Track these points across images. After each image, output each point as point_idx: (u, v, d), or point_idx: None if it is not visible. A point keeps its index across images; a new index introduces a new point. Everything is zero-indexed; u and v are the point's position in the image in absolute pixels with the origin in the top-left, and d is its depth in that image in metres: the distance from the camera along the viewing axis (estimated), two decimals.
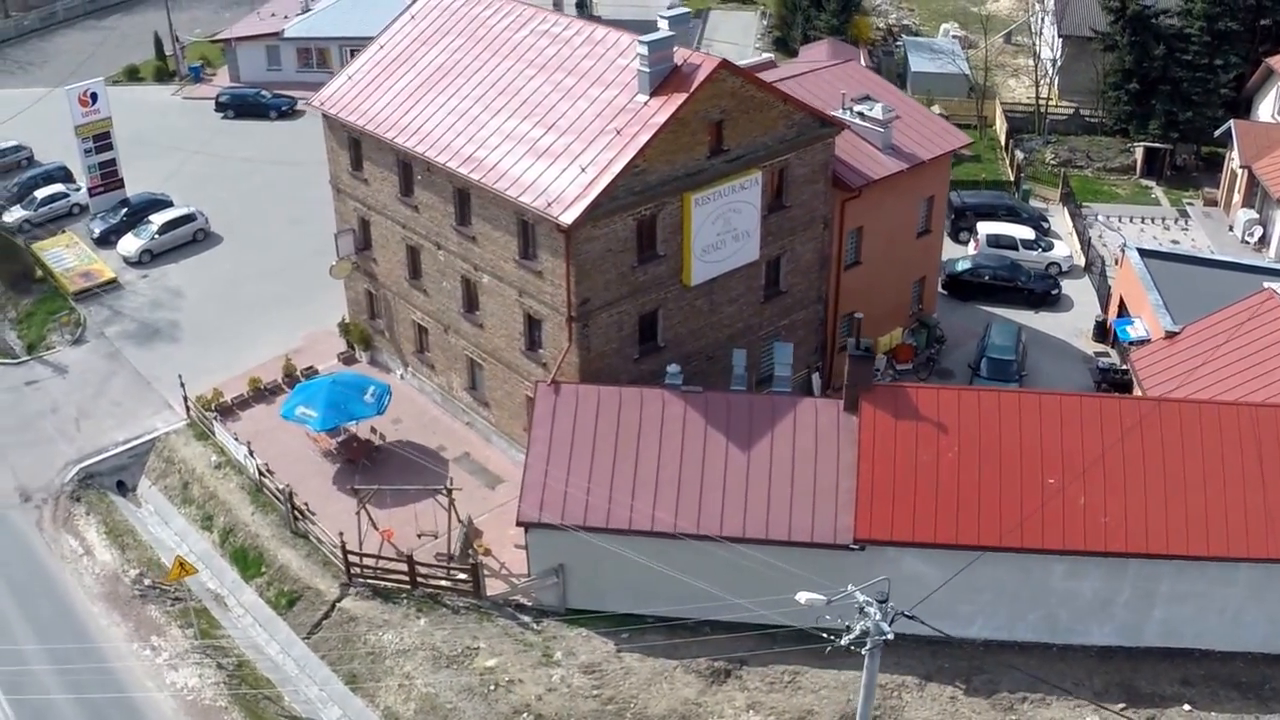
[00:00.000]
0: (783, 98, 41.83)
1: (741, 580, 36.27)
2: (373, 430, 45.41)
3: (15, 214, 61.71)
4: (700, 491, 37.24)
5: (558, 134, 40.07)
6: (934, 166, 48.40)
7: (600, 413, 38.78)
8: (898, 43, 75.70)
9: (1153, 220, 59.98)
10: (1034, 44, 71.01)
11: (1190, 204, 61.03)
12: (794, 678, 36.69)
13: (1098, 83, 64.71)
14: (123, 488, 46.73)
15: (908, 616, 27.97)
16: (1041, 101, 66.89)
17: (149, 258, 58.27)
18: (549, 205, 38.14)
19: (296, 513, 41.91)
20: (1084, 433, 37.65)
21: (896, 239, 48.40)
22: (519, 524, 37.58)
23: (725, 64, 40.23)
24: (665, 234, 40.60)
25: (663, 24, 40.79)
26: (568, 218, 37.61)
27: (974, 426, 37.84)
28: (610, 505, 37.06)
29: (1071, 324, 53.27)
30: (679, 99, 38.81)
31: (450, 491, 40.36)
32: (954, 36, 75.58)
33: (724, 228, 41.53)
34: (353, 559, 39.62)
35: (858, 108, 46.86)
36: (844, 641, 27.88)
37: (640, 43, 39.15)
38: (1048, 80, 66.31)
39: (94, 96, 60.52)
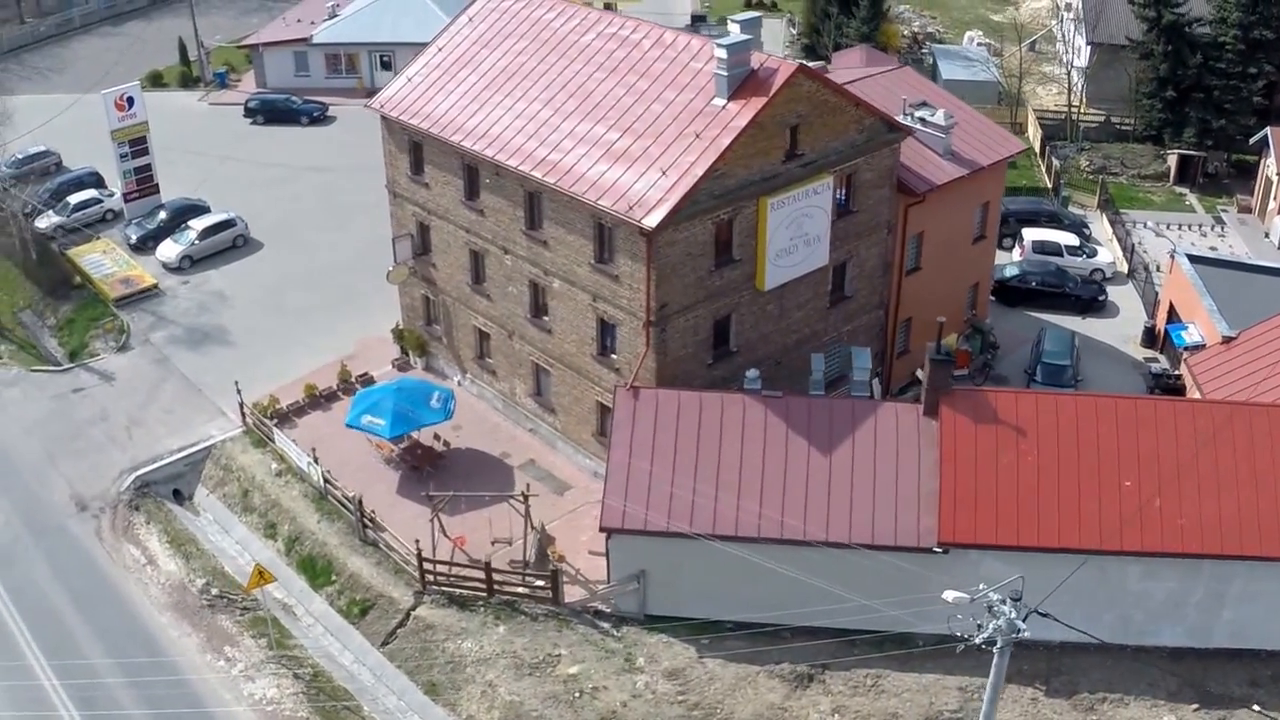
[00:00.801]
0: (855, 102, 41.81)
1: (824, 585, 36.20)
2: (436, 437, 44.99)
3: (48, 220, 60.90)
4: (783, 496, 37.08)
5: (633, 137, 39.86)
6: (990, 172, 48.46)
7: (681, 417, 38.55)
8: (924, 50, 76.02)
9: (1189, 227, 60.31)
10: (1065, 52, 71.39)
11: (1225, 211, 61.46)
12: (876, 681, 36.61)
13: (1130, 90, 65.14)
14: (179, 496, 46.10)
15: (1042, 615, 27.97)
16: (1072, 109, 67.24)
17: (189, 263, 57.65)
18: (630, 209, 37.94)
19: (366, 521, 41.48)
20: (1158, 436, 37.81)
21: (954, 244, 48.44)
22: (602, 530, 37.29)
23: (803, 68, 40.23)
24: (741, 238, 40.48)
25: (734, 28, 40.77)
26: (651, 221, 37.42)
27: (1051, 430, 37.96)
28: (694, 511, 36.93)
29: (1118, 330, 53.44)
30: (759, 103, 38.70)
31: (527, 497, 40.11)
32: (979, 44, 75.98)
33: (796, 232, 41.45)
34: (428, 566, 39.26)
35: (918, 113, 46.92)
36: (978, 640, 27.87)
37: (719, 46, 39.02)
38: (1080, 88, 66.63)
39: (130, 100, 59.87)
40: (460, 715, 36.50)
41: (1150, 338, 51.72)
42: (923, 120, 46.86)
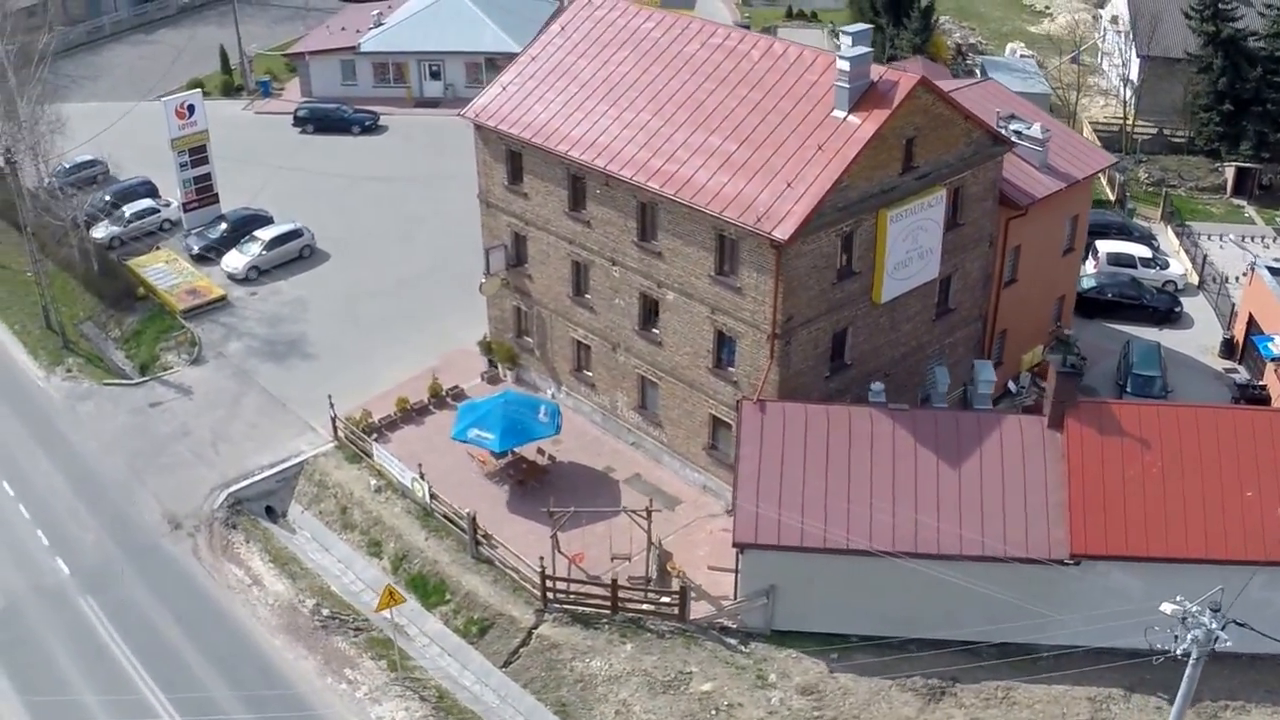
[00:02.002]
0: (965, 115, 41.71)
1: (952, 597, 36.43)
2: (540, 451, 44.39)
3: (104, 230, 59.73)
4: (914, 509, 36.90)
5: (752, 148, 39.48)
6: (1081, 185, 48.66)
7: (808, 430, 38.30)
8: (968, 61, 76.23)
9: (1252, 239, 60.73)
10: (1111, 65, 71.78)
11: None
12: (1007, 693, 36.46)
13: (1185, 103, 65.59)
14: (271, 513, 45.15)
15: (1239, 624, 27.92)
16: (1125, 121, 67.57)
17: (256, 274, 56.67)
18: (758, 220, 37.55)
19: (480, 538, 40.81)
20: (1276, 448, 38.01)
21: (1046, 257, 48.44)
22: (735, 545, 36.92)
23: (924, 80, 40.06)
24: (860, 251, 40.22)
25: (846, 40, 40.61)
26: (782, 233, 37.05)
27: (1174, 441, 38.01)
28: (826, 525, 36.65)
29: (1195, 340, 53.59)
30: (882, 115, 38.44)
31: (650, 512, 39.63)
32: (1022, 56, 76.28)
33: (912, 245, 41.25)
34: (551, 584, 38.66)
35: (1012, 126, 46.91)
36: (1176, 651, 27.82)
37: (841, 58, 38.72)
38: (1133, 100, 66.99)
39: (191, 108, 58.81)
40: None
41: (1229, 349, 51.91)
42: (1018, 133, 46.90)
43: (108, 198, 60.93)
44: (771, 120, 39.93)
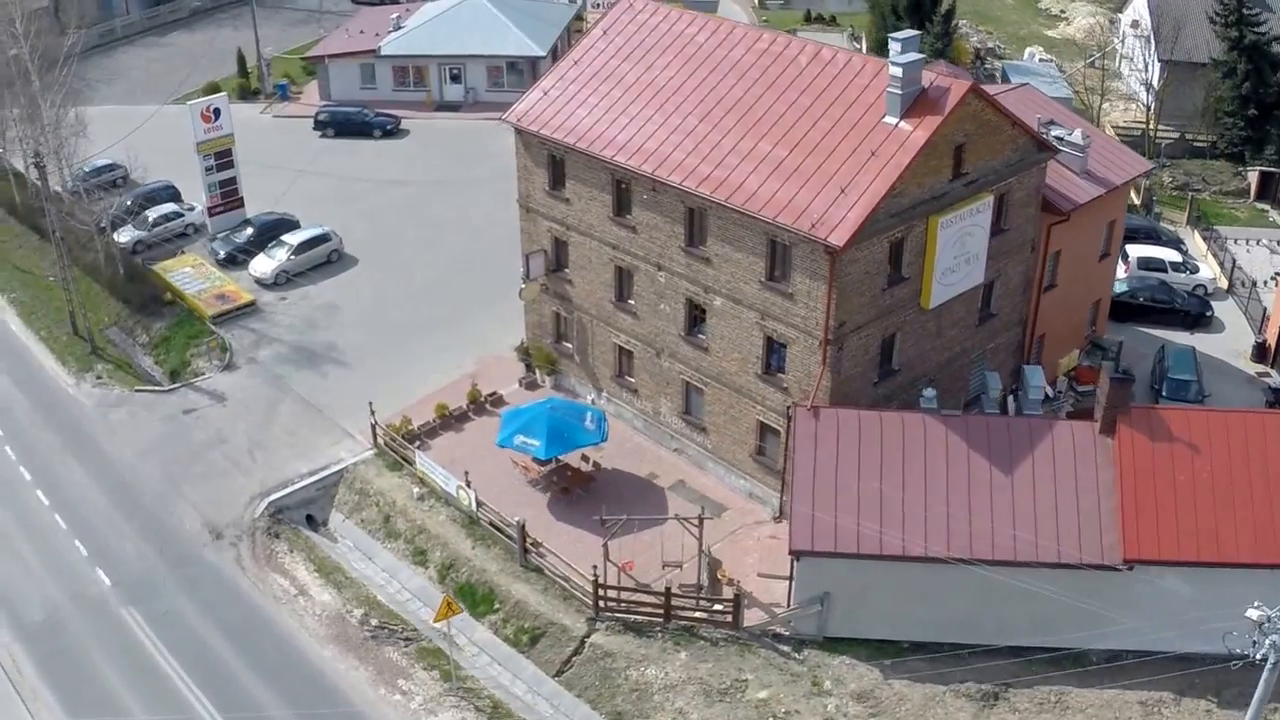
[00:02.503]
0: (1012, 121, 41.67)
1: (1004, 603, 36.55)
2: (584, 458, 44.10)
3: (128, 234, 59.19)
4: (969, 515, 36.81)
5: (803, 154, 39.32)
6: (1117, 190, 48.64)
7: (862, 436, 38.18)
8: (987, 66, 76.29)
9: (1278, 243, 60.93)
10: (1131, 69, 71.89)
11: None
12: (1060, 698, 36.41)
13: (1207, 107, 65.77)
14: (311, 522, 44.72)
15: None
16: (1147, 125, 67.68)
17: (284, 279, 56.27)
18: (813, 226, 37.40)
19: (529, 546, 40.54)
20: None
21: (1084, 262, 48.43)
22: (791, 553, 36.74)
23: (974, 87, 39.99)
24: (910, 257, 40.12)
25: (895, 46, 40.55)
26: (837, 239, 36.89)
27: (1223, 446, 37.99)
28: (882, 531, 36.55)
29: (1225, 345, 53.55)
30: (934, 121, 38.32)
31: (702, 520, 39.44)
32: (1040, 60, 76.37)
33: (960, 251, 41.17)
34: (604, 593, 38.36)
35: (1054, 132, 46.90)
36: (1255, 656, 27.80)
37: (894, 64, 38.60)
38: (1158, 104, 67.12)
39: (217, 112, 58.38)
40: None
41: (1261, 353, 51.95)
42: (1059, 139, 46.88)
43: (129, 202, 60.27)
44: (822, 126, 39.77)
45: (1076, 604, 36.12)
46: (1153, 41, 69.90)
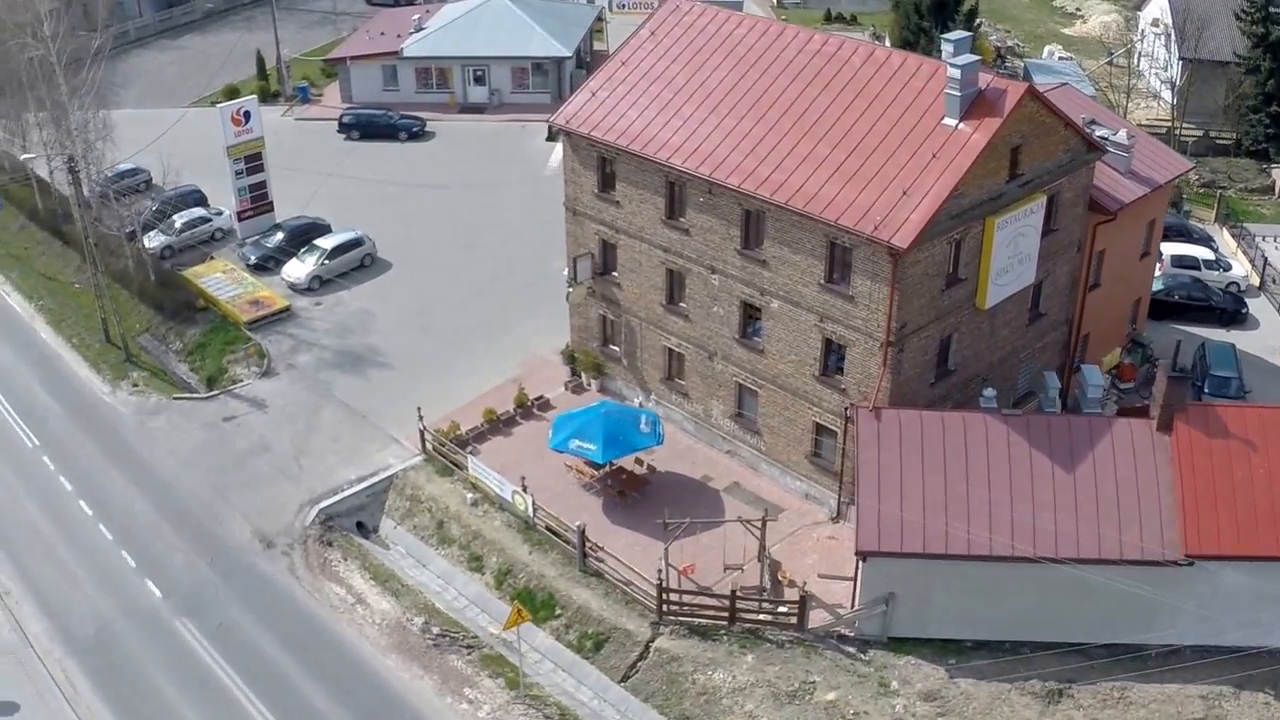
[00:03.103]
0: (1065, 122, 41.71)
1: (1066, 600, 36.84)
2: (638, 461, 43.90)
3: (155, 240, 58.66)
4: (1032, 513, 36.84)
5: (862, 156, 39.17)
6: (1159, 189, 48.83)
7: (925, 437, 38.17)
8: (1007, 64, 76.42)
9: None
10: (1151, 67, 72.13)
11: None
12: (1123, 694, 36.48)
13: (1230, 104, 66.06)
14: (362, 529, 44.41)
15: None
16: (1167, 123, 67.93)
17: (318, 284, 55.87)
18: (876, 229, 37.35)
19: (588, 550, 40.37)
20: None
21: (1127, 261, 48.54)
22: (858, 554, 36.69)
23: (1031, 89, 40.01)
24: (967, 258, 40.08)
25: (948, 48, 40.53)
26: (901, 241, 36.79)
27: (1278, 442, 38.25)
28: (947, 531, 36.58)
29: (1260, 341, 53.65)
30: (994, 123, 38.22)
31: (764, 522, 39.37)
32: (1060, 58, 76.53)
33: (1013, 251, 41.12)
34: (669, 596, 38.18)
35: (1099, 132, 46.97)
36: None
37: (953, 66, 38.56)
38: (1182, 102, 67.37)
39: (247, 115, 57.90)
40: None
41: None
42: (1104, 139, 46.97)
43: (155, 207, 59.70)
44: (880, 128, 39.65)
45: (1137, 600, 36.31)
46: (1173, 39, 70.15)
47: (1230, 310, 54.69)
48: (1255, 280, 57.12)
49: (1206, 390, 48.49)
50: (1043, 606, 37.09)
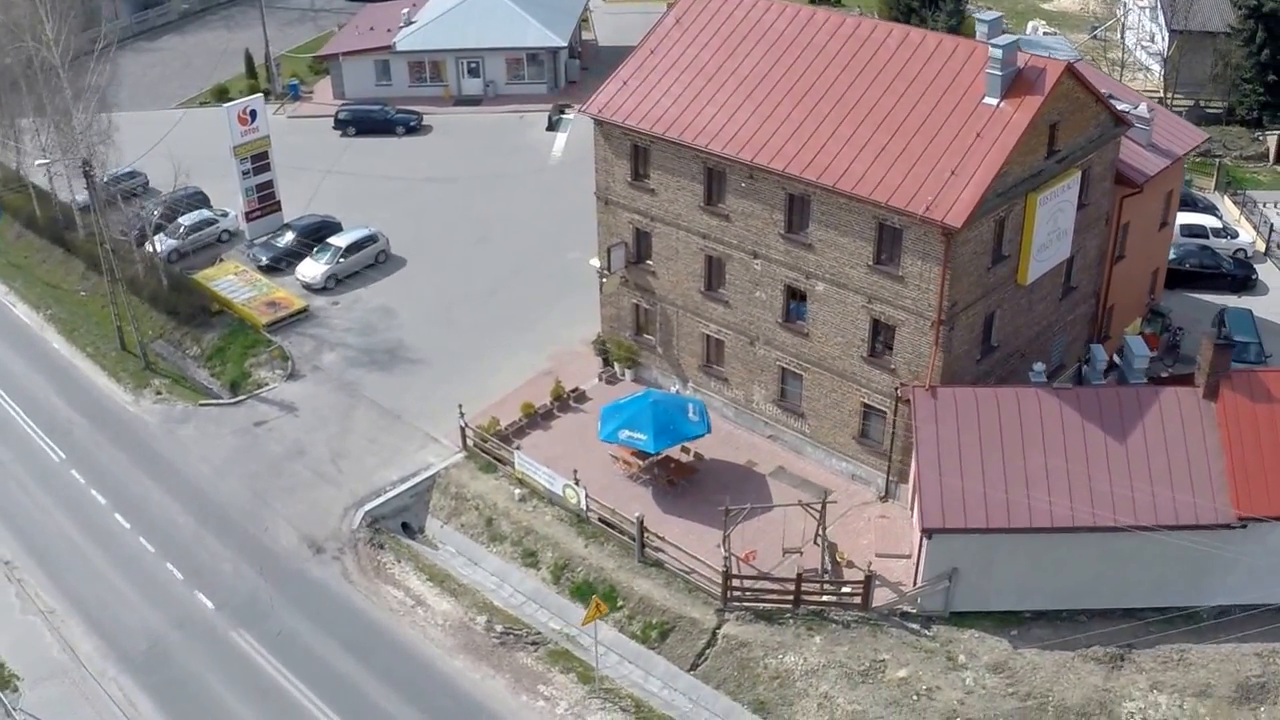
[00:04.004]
0: (1097, 98, 42.20)
1: (1122, 567, 37.60)
2: (684, 450, 43.92)
3: (162, 244, 57.58)
4: (1089, 483, 37.37)
5: (905, 138, 39.33)
6: (1177, 160, 49.58)
7: (980, 414, 38.56)
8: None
9: None
10: (1150, 39, 72.79)
11: None
12: (1182, 655, 37.09)
13: (1221, 74, 67.10)
14: (408, 529, 43.99)
15: None
16: (1157, 94, 68.80)
17: (334, 283, 55.22)
18: (928, 209, 37.61)
19: (647, 540, 40.30)
20: None
21: (1148, 232, 49.23)
22: (923, 531, 37.00)
23: (1070, 67, 40.38)
24: (1010, 235, 40.47)
25: (982, 28, 40.77)
26: (954, 220, 37.04)
27: None
28: (1009, 505, 37.00)
29: (1271, 306, 54.61)
30: (1035, 102, 38.55)
31: (824, 504, 39.56)
32: (1045, 33, 77.19)
33: (1052, 227, 41.56)
34: (735, 583, 38.23)
35: (1120, 106, 47.52)
36: None
37: (995, 47, 38.80)
38: (1173, 73, 68.33)
39: (253, 114, 57.03)
40: None
41: None
42: (1125, 112, 47.51)
43: (162, 210, 58.58)
44: (921, 110, 39.82)
45: (1189, 563, 37.07)
46: (1161, 11, 71.07)
47: (1240, 277, 55.62)
48: (1261, 246, 58.17)
49: None
50: (1099, 574, 37.77)
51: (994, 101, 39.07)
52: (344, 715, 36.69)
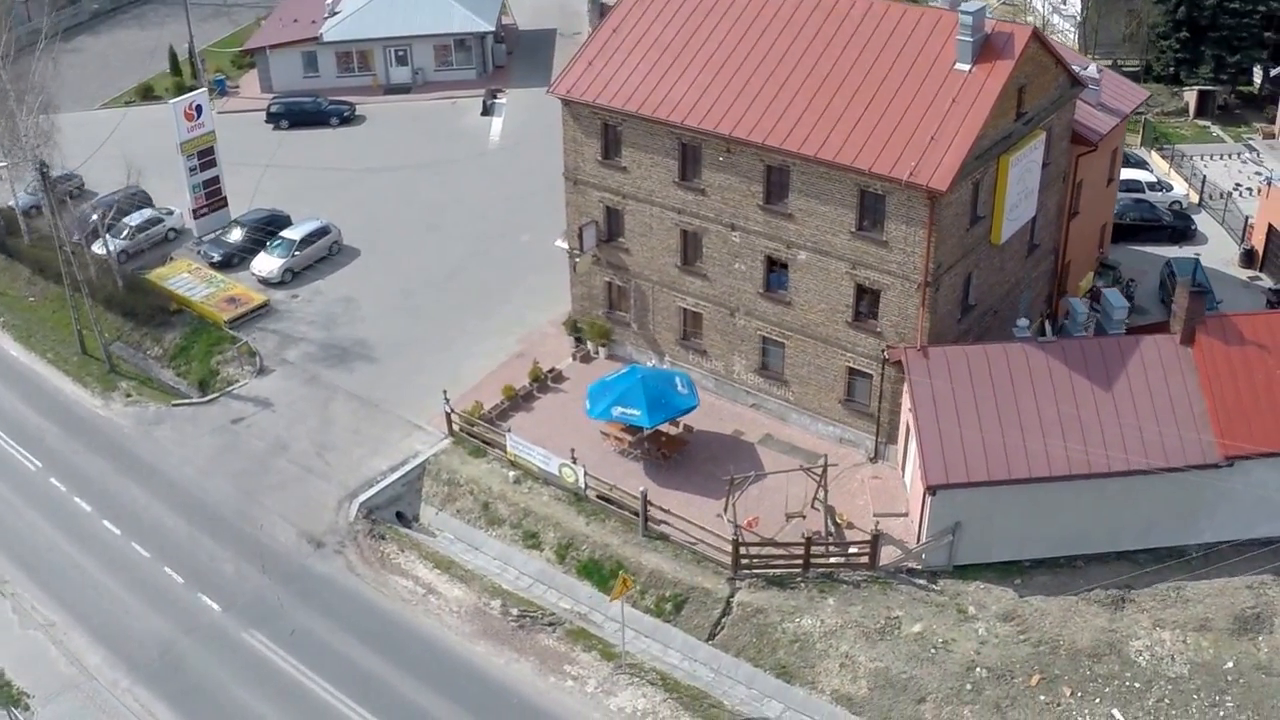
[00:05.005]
0: (1057, 60, 43.52)
1: (1116, 512, 39.06)
2: (673, 423, 44.37)
3: (111, 245, 55.83)
4: (1081, 432, 38.73)
5: (881, 106, 40.22)
6: (1124, 119, 51.40)
7: (973, 371, 39.71)
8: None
9: (1228, 156, 64.89)
10: (1075, 2, 74.62)
11: (1250, 139, 66.52)
12: (1178, 592, 38.63)
13: (1135, 32, 69.46)
14: (402, 518, 43.83)
15: None
16: (1083, 54, 70.90)
17: (290, 276, 54.41)
18: (912, 174, 38.54)
19: (651, 514, 40.68)
20: None
21: (1098, 188, 51.05)
22: (928, 488, 38.00)
23: (1036, 32, 41.58)
24: (984, 196, 41.67)
25: None
26: (940, 183, 38.05)
27: None
28: (1008, 457, 38.24)
29: (1212, 254, 56.64)
30: (1007, 66, 39.78)
31: (825, 467, 40.35)
32: None
33: (1021, 187, 42.90)
34: (744, 550, 38.89)
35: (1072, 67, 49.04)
36: None
37: (964, 13, 39.86)
38: (1092, 34, 70.46)
39: (199, 109, 55.65)
40: (824, 690, 36.57)
41: (1249, 258, 55.64)
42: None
43: (95, 213, 56.54)
44: (894, 79, 40.77)
45: (1178, 504, 38.80)
46: None
47: (1179, 228, 57.91)
48: (1194, 198, 60.55)
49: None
50: (1094, 520, 39.16)
51: (966, 67, 40.19)
52: (376, 711, 36.44)
